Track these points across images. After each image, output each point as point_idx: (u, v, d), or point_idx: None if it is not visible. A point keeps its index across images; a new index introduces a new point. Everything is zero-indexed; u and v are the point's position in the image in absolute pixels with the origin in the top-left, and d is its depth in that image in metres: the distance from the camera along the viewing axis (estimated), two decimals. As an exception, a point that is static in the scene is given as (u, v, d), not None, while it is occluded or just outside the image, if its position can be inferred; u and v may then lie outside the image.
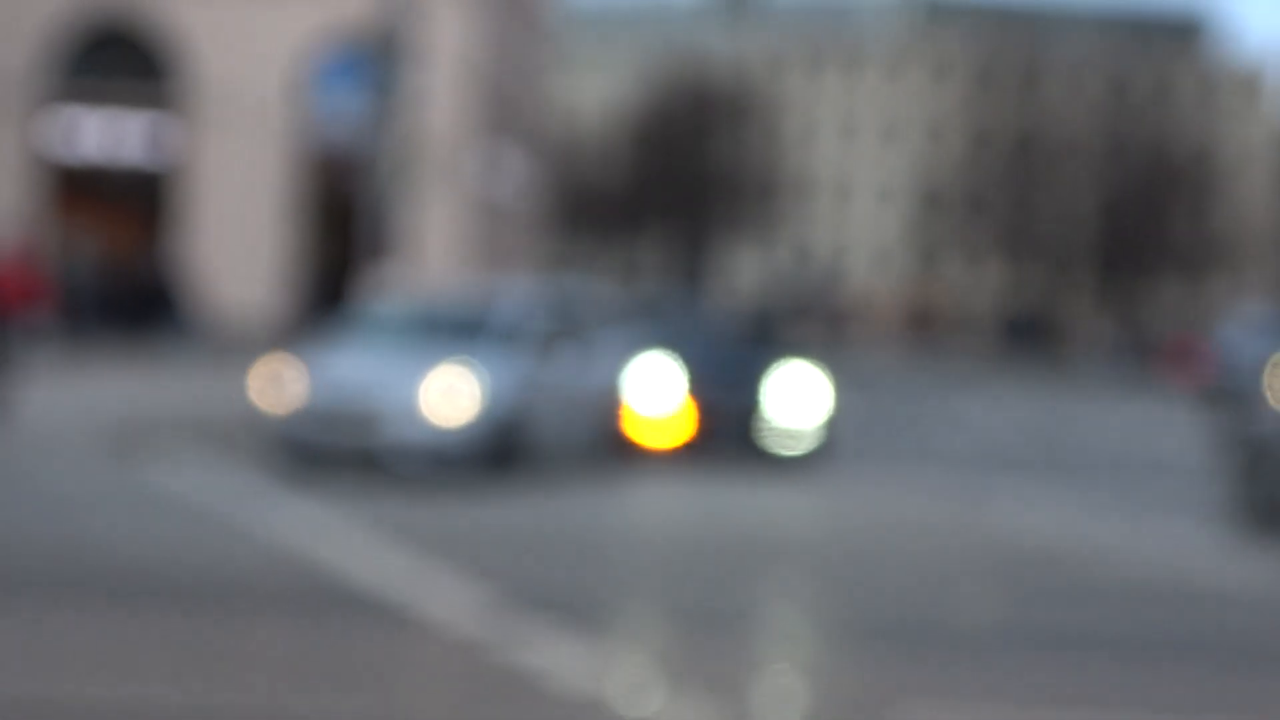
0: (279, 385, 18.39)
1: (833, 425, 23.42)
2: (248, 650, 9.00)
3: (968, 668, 9.30)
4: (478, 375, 17.86)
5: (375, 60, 27.30)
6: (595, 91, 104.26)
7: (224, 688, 7.66)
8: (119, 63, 46.70)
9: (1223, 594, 13.28)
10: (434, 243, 42.86)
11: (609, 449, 20.43)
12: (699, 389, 21.75)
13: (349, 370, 18.36)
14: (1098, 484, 23.16)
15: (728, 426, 21.96)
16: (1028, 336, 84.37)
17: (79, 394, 27.37)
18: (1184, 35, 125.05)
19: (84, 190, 46.70)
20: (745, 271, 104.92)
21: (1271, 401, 30.88)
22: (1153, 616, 11.86)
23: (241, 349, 34.45)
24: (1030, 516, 18.21)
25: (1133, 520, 18.40)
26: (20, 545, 12.79)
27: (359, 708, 7.40)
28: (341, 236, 43.13)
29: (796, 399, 22.47)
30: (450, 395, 17.72)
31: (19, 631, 9.04)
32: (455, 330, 19.00)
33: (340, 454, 17.84)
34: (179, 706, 7.00)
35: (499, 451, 17.83)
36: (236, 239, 45.69)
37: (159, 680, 7.83)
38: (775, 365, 22.90)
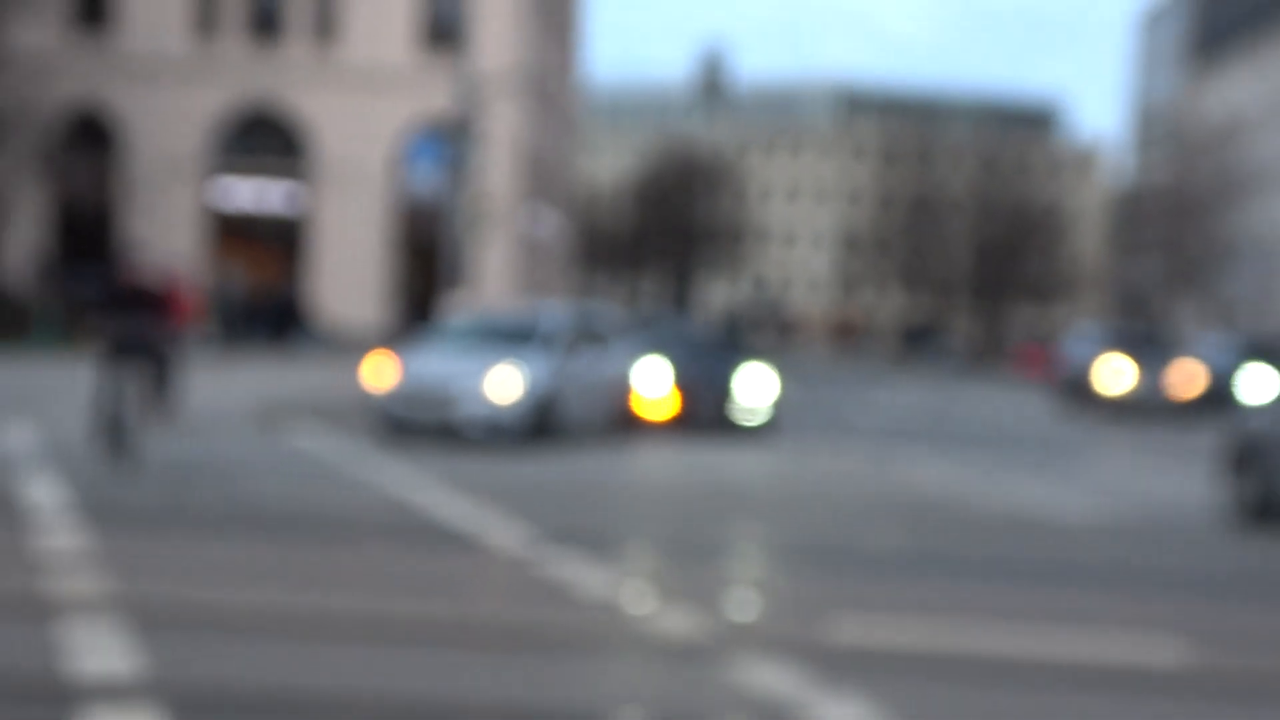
0: (381, 375, 18.72)
1: (778, 407, 23.52)
2: (356, 568, 9.47)
3: (876, 583, 9.64)
4: (523, 370, 18.11)
5: (451, 141, 27.44)
6: (607, 164, 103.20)
7: (339, 596, 8.38)
8: (265, 141, 46.80)
9: (1065, 528, 13.42)
10: (492, 274, 42.92)
11: (618, 422, 20.70)
12: (683, 380, 21.97)
13: (432, 365, 18.60)
14: (969, 448, 22.88)
15: (704, 407, 22.21)
16: (920, 344, 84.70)
17: (233, 384, 26.85)
18: (1039, 121, 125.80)
19: (238, 234, 46.69)
20: (717, 297, 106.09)
21: (1098, 389, 32.33)
22: (1012, 545, 12.12)
23: (351, 351, 34.24)
24: (921, 471, 18.10)
25: (995, 473, 18.29)
26: (193, 492, 12.75)
27: (438, 609, 8.09)
28: (425, 269, 43.31)
29: (753, 388, 22.75)
30: (504, 383, 17.95)
31: (190, 553, 9.60)
32: (507, 337, 19.32)
33: (423, 426, 18.04)
34: (307, 608, 7.87)
35: (538, 424, 18.09)
36: (348, 271, 45.53)
37: (290, 590, 8.52)
38: (738, 364, 23.28)
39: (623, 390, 21.07)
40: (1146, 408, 31.43)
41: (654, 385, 21.77)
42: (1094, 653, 7.31)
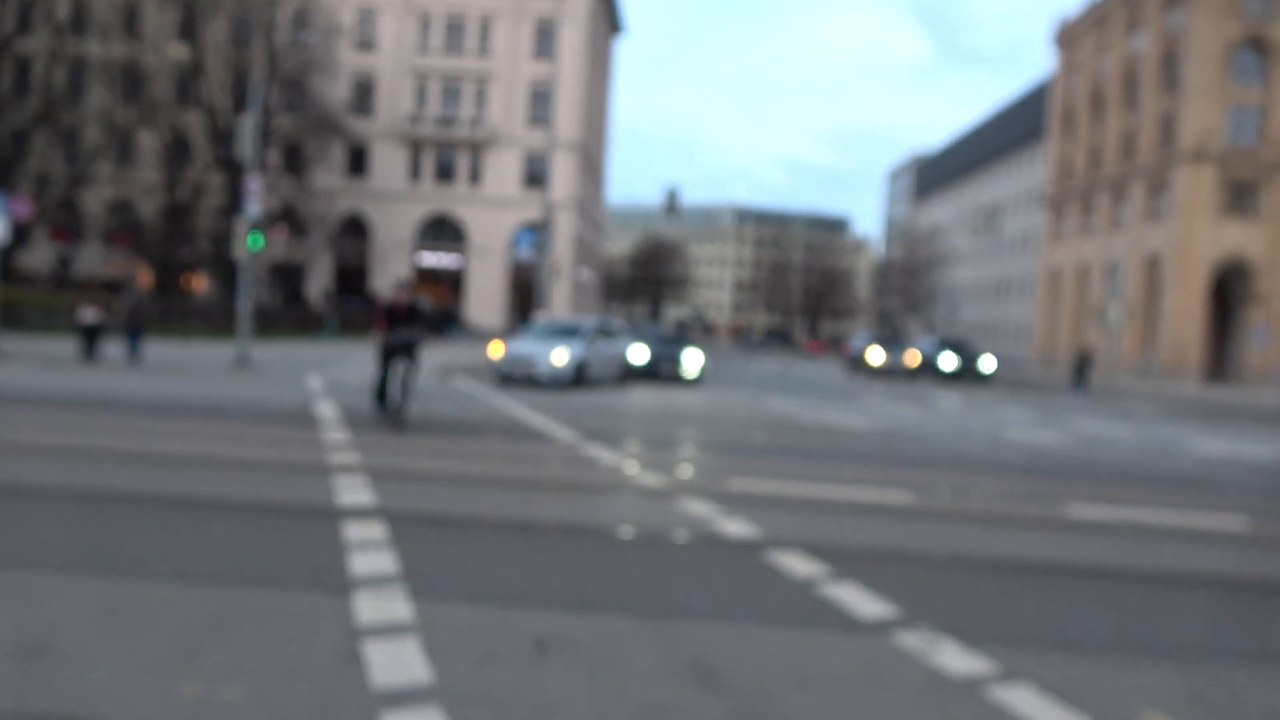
0: (498, 350, 18.37)
1: (705, 370, 23.41)
2: (483, 451, 9.53)
3: (751, 461, 9.69)
4: (571, 348, 17.87)
5: (539, 234, 28.25)
6: (617, 245, 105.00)
7: (477, 462, 8.64)
8: (444, 233, 48.09)
9: (855, 432, 13.13)
10: (559, 301, 43.66)
11: (620, 377, 20.58)
12: (654, 354, 22.09)
13: (524, 345, 18.12)
14: (802, 391, 22.54)
15: (666, 368, 22.06)
16: (779, 339, 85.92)
17: (426, 358, 27.14)
18: (837, 226, 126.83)
19: (429, 280, 47.68)
20: (672, 314, 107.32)
21: (869, 362, 32.19)
22: (822, 440, 11.79)
23: (483, 340, 35.33)
24: (779, 404, 17.88)
25: (814, 405, 17.99)
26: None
27: (524, 471, 8.26)
28: (524, 298, 44.89)
29: (691, 360, 22.45)
30: (561, 355, 17.63)
31: (400, 442, 9.71)
32: (564, 332, 19.04)
33: (518, 378, 17.65)
34: (463, 470, 8.08)
35: (578, 377, 17.76)
36: (486, 299, 46.99)
37: (455, 460, 8.73)
38: (684, 347, 23.01)
39: (623, 360, 20.84)
40: (892, 372, 32.14)
41: (639, 357, 21.72)
42: (856, 496, 7.57)
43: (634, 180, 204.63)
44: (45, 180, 34.05)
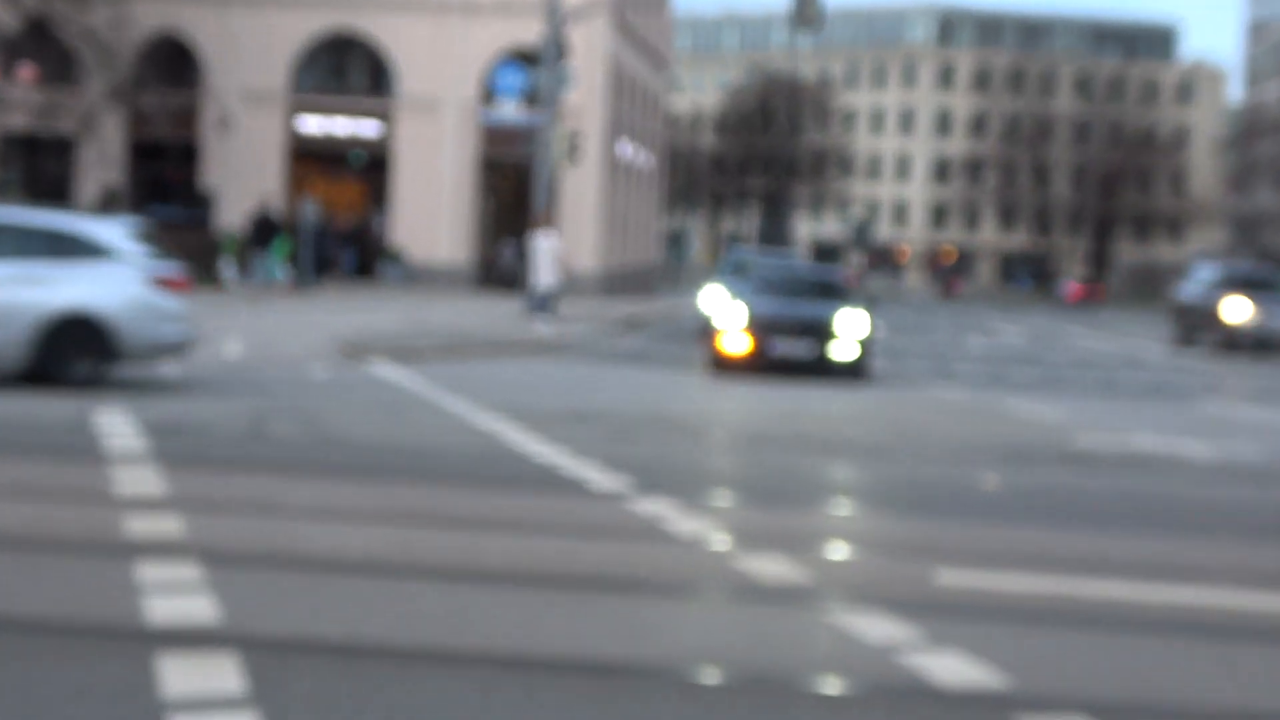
0: None
1: (870, 348, 22.70)
2: (402, 446, 10.36)
3: (977, 529, 10.06)
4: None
5: (542, 67, 28.11)
6: (694, 94, 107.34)
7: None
8: (349, 68, 48.81)
9: (1198, 466, 13.38)
10: (583, 209, 44.85)
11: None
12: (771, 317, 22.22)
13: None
14: (1080, 387, 23.02)
15: (803, 348, 22.03)
16: (1029, 278, 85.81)
17: None
18: (1152, 39, 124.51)
19: (319, 165, 48.79)
20: (806, 231, 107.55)
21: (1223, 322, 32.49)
22: (1137, 487, 12.30)
23: (429, 287, 35.08)
24: (1032, 411, 18.20)
25: (1109, 411, 19.29)
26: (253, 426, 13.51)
27: (523, 551, 9.00)
28: (510, 205, 45.33)
29: (850, 325, 21.91)
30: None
31: (265, 501, 10.48)
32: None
33: None
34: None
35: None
36: (430, 207, 46.77)
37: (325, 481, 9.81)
38: (837, 303, 22.64)
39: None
40: (1270, 343, 31.80)
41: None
42: (1201, 602, 7.67)
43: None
44: None
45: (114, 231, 17.09)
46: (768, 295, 22.47)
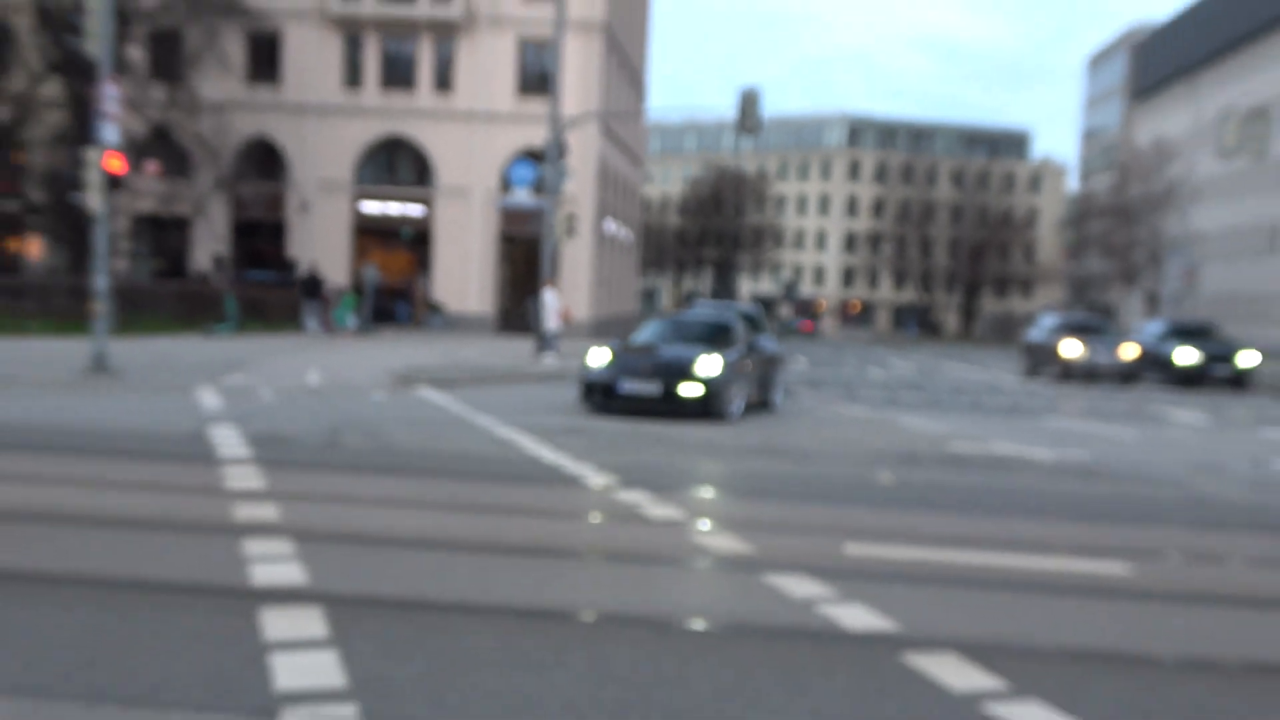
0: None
1: (719, 384, 23.55)
2: (442, 453, 10.08)
3: (877, 514, 10.25)
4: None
5: (547, 165, 28.15)
6: (663, 184, 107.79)
7: (420, 521, 9.50)
8: (398, 166, 48.38)
9: (1040, 467, 13.24)
10: (578, 271, 44.81)
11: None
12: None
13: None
14: (955, 406, 22.57)
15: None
16: (916, 324, 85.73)
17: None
18: (1010, 144, 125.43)
19: (375, 238, 48.36)
20: (748, 289, 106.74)
21: (1061, 357, 33.31)
22: (994, 481, 12.11)
23: (459, 331, 34.66)
24: (918, 425, 17.91)
25: (977, 424, 18.18)
26: (329, 438, 13.45)
27: (521, 528, 8.87)
28: (525, 268, 45.28)
29: (706, 365, 21.93)
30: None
31: (340, 494, 10.38)
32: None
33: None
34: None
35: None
36: (463, 269, 46.93)
37: (386, 478, 9.81)
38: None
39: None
40: (1097, 373, 31.63)
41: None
42: (1040, 568, 7.76)
43: (690, 80, 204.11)
44: None
45: None
46: (653, 340, 18.58)
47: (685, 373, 16.40)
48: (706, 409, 16.41)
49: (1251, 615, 6.86)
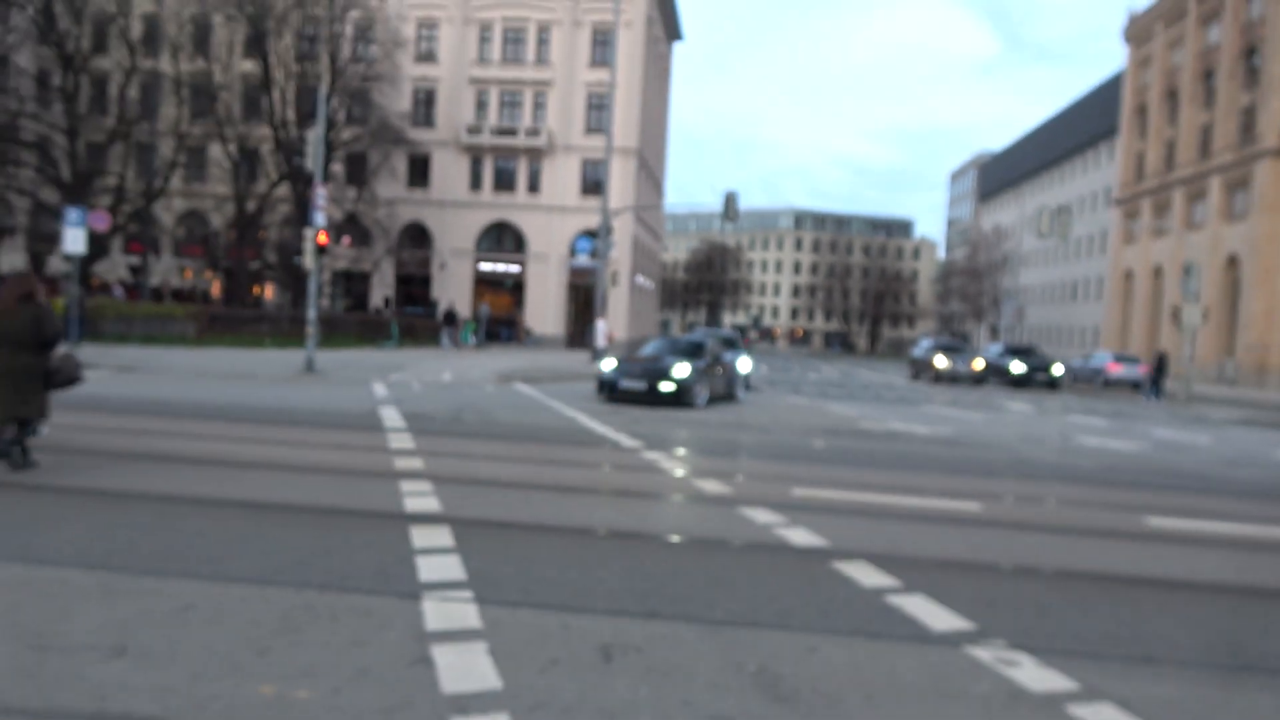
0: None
1: (691, 381, 23.20)
2: (541, 456, 9.82)
3: (813, 468, 9.85)
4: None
5: (599, 239, 27.99)
6: (673, 251, 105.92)
7: (529, 471, 9.23)
8: (504, 239, 48.17)
9: (920, 438, 12.81)
10: (618, 309, 44.13)
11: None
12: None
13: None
14: (864, 398, 22.18)
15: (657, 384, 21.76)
16: (839, 345, 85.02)
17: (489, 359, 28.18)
18: (899, 228, 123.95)
19: (488, 286, 47.62)
20: (729, 321, 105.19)
21: (935, 367, 33.54)
22: (890, 447, 11.63)
23: (543, 347, 34.85)
24: (840, 410, 17.53)
25: (879, 410, 17.70)
26: (456, 415, 12.75)
27: (582, 477, 8.52)
28: (584, 306, 45.25)
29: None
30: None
31: (462, 452, 9.98)
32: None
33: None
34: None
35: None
36: (544, 306, 46.57)
37: (491, 441, 9.52)
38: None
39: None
40: (958, 378, 31.40)
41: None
42: (922, 505, 7.46)
43: (690, 184, 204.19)
44: (121, 194, 35.33)
45: None
46: (652, 353, 17.78)
47: (664, 375, 15.77)
48: (679, 400, 15.69)
49: (1063, 538, 6.73)
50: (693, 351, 17.24)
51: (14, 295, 6.94)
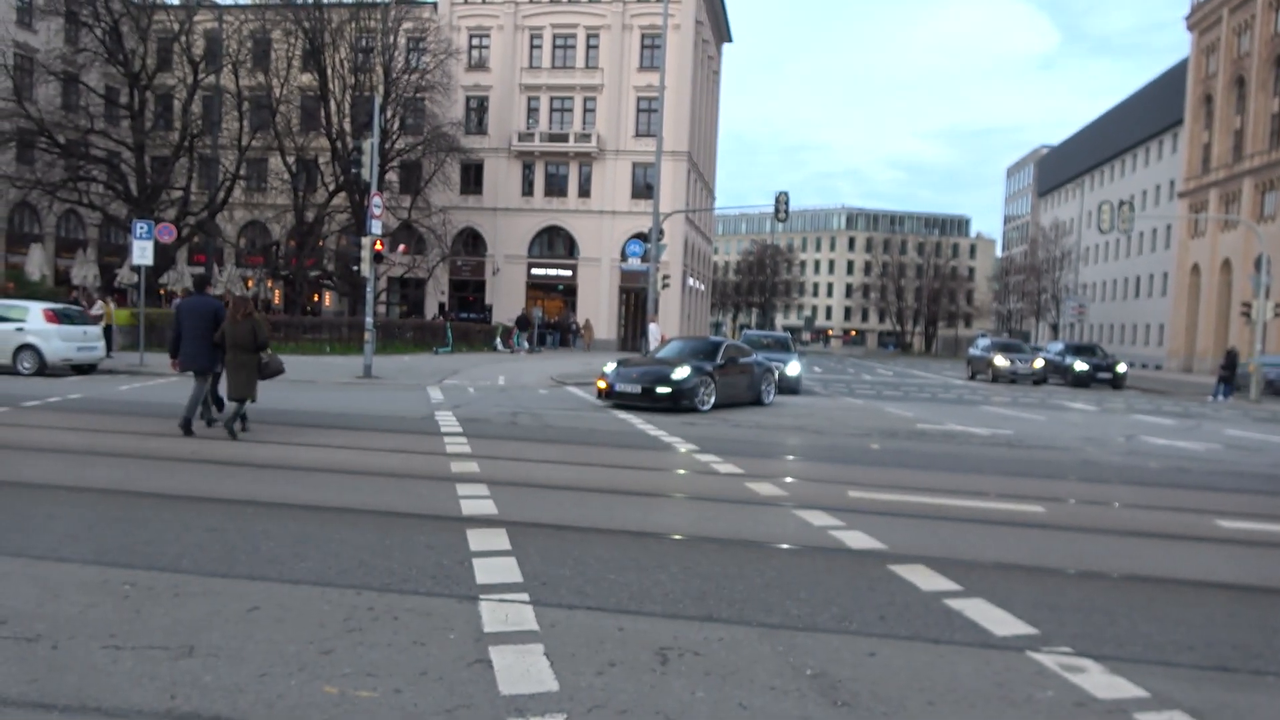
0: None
1: (688, 384, 22.36)
2: (580, 429, 9.89)
3: (869, 471, 9.77)
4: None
5: (650, 242, 27.79)
6: (724, 253, 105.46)
7: (583, 475, 9.11)
8: (556, 244, 48.22)
9: (979, 440, 12.63)
10: (670, 311, 43.80)
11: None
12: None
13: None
14: (920, 399, 22.27)
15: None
16: (894, 345, 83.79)
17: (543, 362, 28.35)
18: (955, 226, 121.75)
19: (541, 291, 47.99)
20: (781, 322, 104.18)
21: (995, 366, 32.85)
22: (948, 449, 11.43)
23: (595, 350, 34.87)
24: (896, 411, 17.70)
25: (936, 411, 17.44)
26: (510, 418, 12.80)
27: (638, 480, 8.49)
28: (635, 309, 45.33)
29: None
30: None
31: (517, 455, 9.97)
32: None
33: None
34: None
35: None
36: (596, 309, 46.62)
37: (546, 445, 9.59)
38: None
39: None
40: (1017, 378, 30.63)
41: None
42: (982, 507, 7.28)
43: (742, 187, 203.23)
44: (186, 206, 36.33)
45: None
46: (667, 355, 17.11)
47: (662, 378, 15.07)
48: (676, 404, 14.90)
49: (1130, 541, 6.55)
50: (706, 353, 16.56)
51: (239, 312, 9.75)
